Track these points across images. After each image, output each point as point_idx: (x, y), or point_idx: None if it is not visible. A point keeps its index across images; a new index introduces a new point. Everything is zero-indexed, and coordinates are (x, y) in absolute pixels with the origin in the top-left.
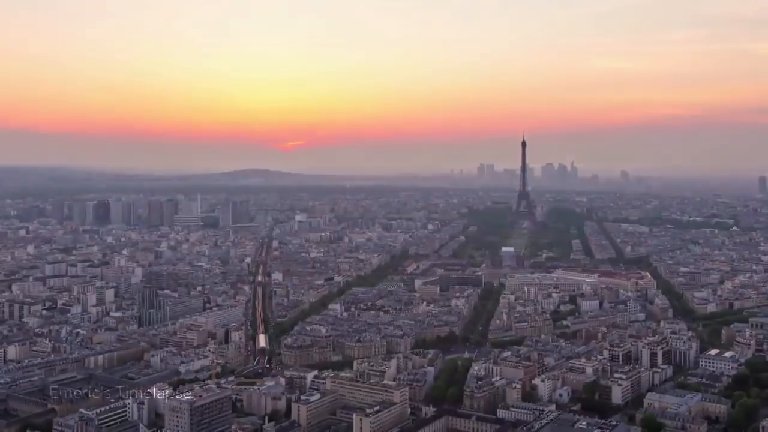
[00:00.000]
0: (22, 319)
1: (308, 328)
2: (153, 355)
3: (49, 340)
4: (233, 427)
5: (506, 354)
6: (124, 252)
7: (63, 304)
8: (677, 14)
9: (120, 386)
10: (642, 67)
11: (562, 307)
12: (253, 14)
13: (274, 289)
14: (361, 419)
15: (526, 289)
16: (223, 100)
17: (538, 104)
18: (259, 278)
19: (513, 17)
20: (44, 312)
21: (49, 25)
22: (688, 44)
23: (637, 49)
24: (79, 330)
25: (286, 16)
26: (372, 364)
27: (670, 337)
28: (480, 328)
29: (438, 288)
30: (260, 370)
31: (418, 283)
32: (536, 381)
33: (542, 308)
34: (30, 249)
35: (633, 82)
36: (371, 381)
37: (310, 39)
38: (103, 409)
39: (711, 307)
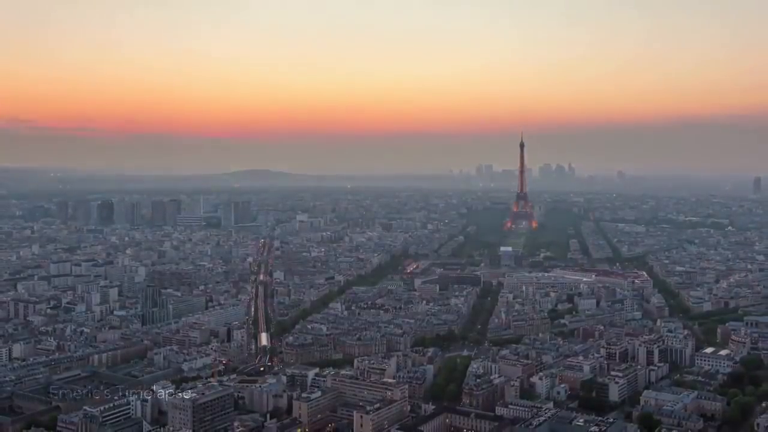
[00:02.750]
0: (27, 318)
1: (309, 326)
2: (156, 353)
3: (54, 339)
4: (235, 424)
5: (504, 352)
6: (128, 251)
7: (67, 303)
8: (676, 18)
9: (124, 384)
10: (638, 70)
11: (559, 306)
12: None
13: (276, 288)
14: (361, 416)
15: (524, 288)
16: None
17: (536, 105)
18: (261, 277)
19: (513, 19)
20: (49, 311)
21: (52, 21)
22: (683, 48)
23: (636, 51)
24: (83, 328)
25: (282, 18)
26: (372, 362)
27: (666, 336)
28: (479, 326)
29: (437, 287)
30: (262, 368)
31: (417, 282)
32: (534, 379)
33: (540, 307)
34: (35, 248)
35: (630, 83)
36: (371, 379)
37: (306, 38)
38: (107, 406)
39: (706, 306)
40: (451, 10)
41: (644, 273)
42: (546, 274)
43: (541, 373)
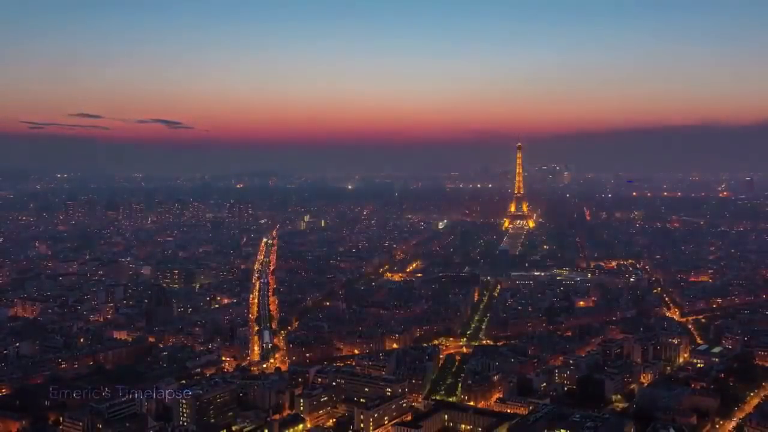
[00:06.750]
0: (35, 316)
1: (311, 324)
2: (161, 351)
3: (61, 337)
4: (238, 420)
5: (503, 349)
6: (133, 251)
7: (74, 302)
8: (676, 24)
9: (129, 381)
10: (635, 72)
11: (556, 304)
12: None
13: (278, 286)
14: (362, 413)
15: (521, 286)
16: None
17: (534, 107)
18: (264, 276)
19: (512, 21)
20: (56, 309)
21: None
22: (679, 52)
23: (634, 53)
24: (89, 326)
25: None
26: (372, 359)
27: (661, 333)
28: (477, 324)
29: (437, 285)
30: (264, 365)
31: (417, 280)
32: (531, 375)
33: (537, 305)
34: (42, 248)
35: (627, 85)
36: (372, 375)
37: (308, 40)
38: (112, 403)
39: (701, 304)
40: (450, 14)
41: (640, 271)
42: (543, 273)
43: (538, 370)
